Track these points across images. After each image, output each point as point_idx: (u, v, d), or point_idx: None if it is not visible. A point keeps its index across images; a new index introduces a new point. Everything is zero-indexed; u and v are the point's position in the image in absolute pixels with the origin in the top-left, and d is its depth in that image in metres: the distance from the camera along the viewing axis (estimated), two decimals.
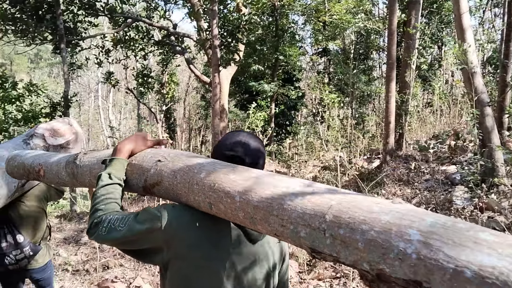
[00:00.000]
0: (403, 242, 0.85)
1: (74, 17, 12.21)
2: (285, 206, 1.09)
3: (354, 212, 0.95)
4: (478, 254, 0.76)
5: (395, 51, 8.13)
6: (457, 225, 0.84)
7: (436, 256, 0.80)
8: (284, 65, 18.69)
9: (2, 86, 10.63)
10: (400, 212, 0.91)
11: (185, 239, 1.36)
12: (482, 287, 0.73)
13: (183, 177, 1.38)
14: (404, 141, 8.79)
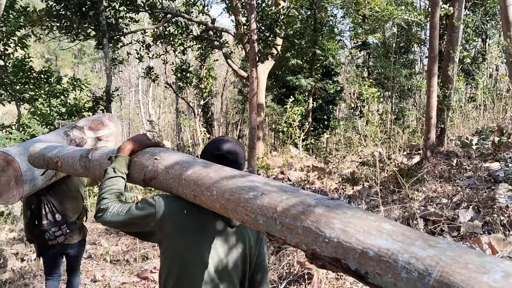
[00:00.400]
0: (329, 229, 1.14)
1: (116, 13, 12.49)
2: (249, 200, 1.39)
3: (297, 206, 1.26)
4: (379, 239, 1.04)
5: (437, 45, 7.90)
6: (368, 217, 1.14)
7: (350, 240, 1.09)
8: (322, 59, 18.52)
9: (48, 81, 11.03)
10: (330, 206, 1.21)
11: (175, 223, 1.69)
12: (379, 264, 1.01)
13: (174, 173, 1.70)
14: (445, 137, 8.55)
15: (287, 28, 13.64)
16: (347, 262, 1.09)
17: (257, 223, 1.36)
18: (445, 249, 0.96)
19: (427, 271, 0.93)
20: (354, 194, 8.00)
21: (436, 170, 6.89)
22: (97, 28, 11.54)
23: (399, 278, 0.97)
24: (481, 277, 0.85)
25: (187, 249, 1.71)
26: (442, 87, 9.00)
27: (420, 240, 1.01)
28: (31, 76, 11.10)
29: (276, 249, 5.67)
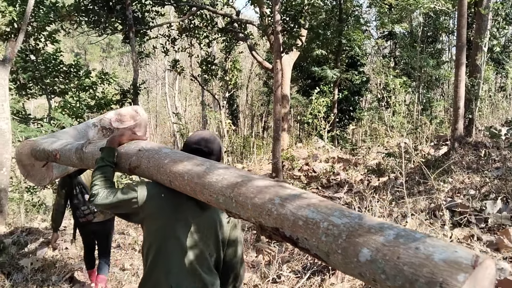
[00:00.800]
0: (271, 205, 1.45)
1: (142, 7, 12.65)
2: (212, 183, 1.71)
3: (248, 187, 1.57)
4: (307, 211, 1.35)
5: (465, 33, 7.73)
6: (303, 195, 1.45)
7: (286, 212, 1.39)
8: (348, 49, 18.32)
9: (77, 75, 11.27)
10: (275, 187, 1.52)
11: (154, 205, 1.99)
12: (307, 230, 1.32)
13: (154, 163, 2.01)
14: (474, 127, 8.39)
15: (312, 18, 13.52)
16: (284, 231, 1.41)
17: (218, 202, 1.69)
18: (355, 218, 1.27)
19: (340, 235, 1.23)
20: (379, 186, 7.95)
21: (464, 161, 6.78)
22: (124, 22, 11.71)
23: (320, 241, 1.28)
24: (378, 238, 1.16)
25: (165, 228, 1.99)
26: (470, 77, 8.82)
27: (338, 211, 1.32)
28: (61, 70, 11.38)
29: None
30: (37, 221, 7.35)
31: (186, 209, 2.02)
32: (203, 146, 2.09)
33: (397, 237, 1.15)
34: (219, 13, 13.95)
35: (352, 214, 1.29)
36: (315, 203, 1.37)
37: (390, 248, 1.13)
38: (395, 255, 1.11)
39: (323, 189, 9.45)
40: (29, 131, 8.30)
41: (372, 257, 1.15)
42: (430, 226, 4.36)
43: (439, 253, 1.07)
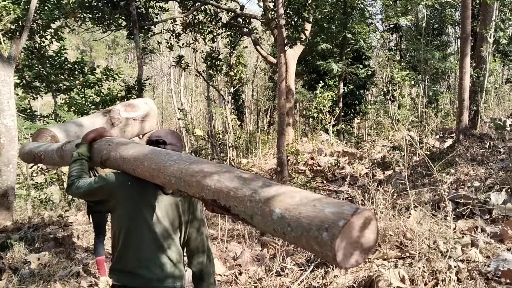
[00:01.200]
0: (210, 181, 1.75)
1: (146, 2, 12.66)
2: (166, 167, 2.00)
3: (193, 169, 1.88)
4: (236, 183, 1.67)
5: (469, 25, 7.68)
6: (235, 171, 1.79)
7: (221, 186, 1.70)
8: (353, 43, 18.24)
9: (82, 72, 11.31)
10: (216, 166, 1.85)
11: (122, 192, 2.28)
12: (236, 199, 1.62)
13: (120, 154, 2.31)
14: (479, 119, 8.35)
15: (316, 12, 13.46)
16: (220, 201, 1.70)
17: (171, 183, 1.98)
18: (273, 186, 1.59)
19: (260, 200, 1.54)
20: (384, 179, 7.94)
21: (469, 153, 6.76)
22: (128, 18, 11.73)
23: (246, 206, 1.58)
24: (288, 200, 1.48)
25: (133, 211, 2.28)
26: (475, 68, 8.77)
27: (261, 181, 1.64)
28: (65, 67, 11.42)
29: None
30: (44, 217, 7.42)
31: (151, 194, 2.30)
32: (163, 137, 2.40)
33: (304, 198, 1.46)
34: (223, 8, 13.93)
35: (272, 183, 1.63)
36: (245, 177, 1.70)
37: (295, 206, 1.43)
38: (298, 211, 1.41)
39: (328, 183, 9.46)
40: (35, 128, 8.36)
41: (282, 214, 1.45)
42: (433, 217, 4.36)
43: (329, 208, 1.37)
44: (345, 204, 1.41)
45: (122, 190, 2.28)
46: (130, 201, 2.28)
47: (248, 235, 5.91)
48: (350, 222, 1.32)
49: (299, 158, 11.20)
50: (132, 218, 2.28)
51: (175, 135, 2.48)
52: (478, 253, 3.79)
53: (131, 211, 2.28)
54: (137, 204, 2.28)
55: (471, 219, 4.58)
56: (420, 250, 3.86)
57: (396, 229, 4.32)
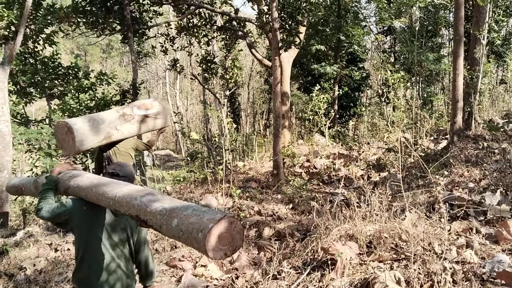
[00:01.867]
0: (135, 201, 2.26)
1: (140, 7, 12.63)
2: (106, 193, 2.51)
3: (124, 193, 2.41)
4: (156, 204, 2.18)
5: (462, 26, 7.72)
6: (152, 194, 2.33)
7: (140, 204, 2.23)
8: (347, 45, 18.29)
9: (76, 76, 11.28)
10: (139, 191, 2.36)
11: (78, 216, 2.74)
12: (151, 214, 2.16)
13: (77, 184, 2.80)
14: (473, 121, 8.38)
15: (310, 15, 13.50)
16: (141, 217, 2.22)
17: (109, 205, 2.50)
18: (176, 203, 2.18)
19: (166, 213, 2.10)
20: (379, 181, 7.96)
21: (463, 154, 6.79)
22: (122, 23, 11.70)
23: (157, 219, 2.11)
24: (183, 212, 2.05)
25: (88, 231, 2.75)
26: (469, 70, 8.81)
27: (168, 200, 2.25)
28: (59, 72, 11.39)
29: (301, 236, 5.73)
30: (39, 223, 7.39)
31: (103, 216, 2.79)
32: (117, 170, 2.95)
33: (193, 211, 2.03)
34: (218, 11, 13.94)
35: (175, 201, 2.23)
36: (158, 198, 2.27)
37: (186, 216, 2.00)
38: (188, 219, 1.97)
39: (324, 185, 9.47)
40: (29, 134, 8.34)
41: (178, 223, 2.00)
42: (428, 219, 4.38)
43: (208, 215, 1.95)
44: (219, 212, 2.02)
45: (79, 214, 2.75)
46: (85, 223, 2.77)
47: (245, 239, 5.91)
48: (218, 224, 1.91)
49: (295, 161, 11.21)
50: (88, 236, 2.76)
51: (128, 168, 3.06)
52: (473, 254, 3.81)
53: (87, 231, 2.77)
54: (91, 225, 2.77)
55: (465, 221, 4.60)
56: (416, 252, 3.88)
57: (391, 231, 4.34)
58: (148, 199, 2.26)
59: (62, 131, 4.92)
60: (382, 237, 4.31)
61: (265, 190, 8.85)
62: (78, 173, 3.01)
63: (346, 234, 4.57)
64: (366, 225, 4.54)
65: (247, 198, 8.21)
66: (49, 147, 8.56)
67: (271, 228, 6.26)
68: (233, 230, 2.01)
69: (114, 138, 5.30)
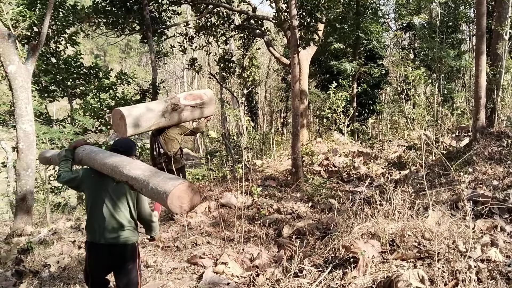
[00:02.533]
0: (125, 169, 3.15)
1: (159, 6, 12.72)
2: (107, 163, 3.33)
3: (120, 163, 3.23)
4: (138, 171, 3.06)
5: (485, 22, 7.58)
6: (137, 163, 3.25)
7: (130, 173, 3.11)
8: (366, 42, 18.15)
9: (97, 76, 11.41)
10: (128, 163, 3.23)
11: (87, 181, 3.59)
12: (135, 180, 3.02)
13: (88, 156, 3.64)
14: (496, 117, 8.24)
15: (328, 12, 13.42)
16: (129, 182, 3.04)
17: (109, 172, 3.29)
18: (152, 171, 3.01)
19: (146, 179, 2.90)
20: (400, 179, 7.89)
21: (486, 151, 6.68)
22: (142, 22, 11.79)
23: (139, 182, 2.94)
24: (157, 178, 2.91)
25: (95, 193, 3.56)
26: (491, 66, 8.66)
27: (148, 169, 3.04)
28: (81, 72, 11.54)
29: (322, 234, 5.71)
30: (62, 221, 7.51)
31: (106, 182, 3.50)
32: (119, 146, 3.72)
33: (163, 178, 2.84)
34: (236, 10, 13.95)
35: (151, 169, 3.07)
36: (142, 167, 3.09)
37: (158, 182, 2.82)
38: (159, 184, 2.80)
39: (343, 183, 9.42)
40: (52, 133, 8.47)
41: (152, 186, 2.82)
42: (451, 217, 4.32)
43: (172, 181, 2.78)
44: (181, 179, 2.86)
45: (88, 179, 3.60)
46: (93, 186, 3.58)
47: (265, 237, 5.91)
48: (177, 187, 2.74)
49: (314, 159, 11.17)
50: (94, 197, 3.56)
51: (129, 144, 3.82)
52: (498, 252, 3.75)
53: (93, 193, 3.57)
54: (97, 188, 3.55)
55: (490, 218, 4.52)
56: (439, 250, 3.83)
57: (414, 229, 4.29)
58: (133, 167, 3.09)
59: (117, 117, 6.12)
60: (405, 235, 4.26)
61: (284, 188, 8.84)
62: (88, 147, 3.82)
63: (368, 232, 4.54)
64: (389, 223, 4.50)
65: (266, 196, 8.21)
66: None
67: (290, 226, 6.25)
68: (191, 192, 2.82)
69: (162, 125, 6.50)
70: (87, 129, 9.21)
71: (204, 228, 6.70)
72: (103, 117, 10.40)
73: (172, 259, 5.63)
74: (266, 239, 5.90)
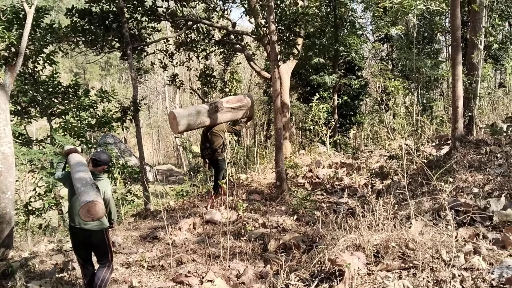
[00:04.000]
0: (77, 175, 4.70)
1: (138, 24, 12.70)
2: (75, 172, 4.69)
3: (76, 178, 4.67)
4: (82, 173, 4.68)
5: (459, 32, 7.76)
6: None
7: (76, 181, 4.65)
8: (345, 55, 18.39)
9: (76, 95, 11.31)
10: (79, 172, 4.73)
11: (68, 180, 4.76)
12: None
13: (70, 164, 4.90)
14: (474, 125, 8.40)
15: (307, 26, 13.58)
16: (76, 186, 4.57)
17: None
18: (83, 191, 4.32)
19: (81, 192, 4.30)
20: (383, 189, 7.95)
21: (466, 159, 6.79)
22: (121, 40, 11.75)
23: (78, 191, 4.35)
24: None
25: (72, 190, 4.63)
26: (468, 75, 8.84)
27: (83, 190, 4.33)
28: (59, 91, 11.42)
29: (307, 247, 5.71)
30: (44, 243, 7.37)
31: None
32: (97, 157, 4.90)
33: (85, 193, 4.22)
34: (215, 26, 14.03)
35: (85, 187, 4.31)
36: (83, 182, 4.39)
37: (82, 195, 4.21)
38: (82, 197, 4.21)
39: (327, 195, 9.45)
40: (31, 154, 8.35)
41: (81, 198, 4.20)
42: (434, 226, 4.36)
43: (83, 197, 4.16)
44: (93, 196, 4.16)
45: (68, 179, 4.69)
46: (71, 184, 4.60)
47: (251, 252, 5.89)
48: (87, 204, 4.08)
49: (298, 171, 11.20)
50: (72, 192, 4.72)
51: (105, 157, 5.00)
52: (481, 260, 3.79)
53: (71, 189, 4.66)
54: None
55: (472, 227, 4.58)
56: (423, 260, 3.86)
57: (398, 239, 4.32)
58: (77, 180, 4.40)
59: (171, 117, 7.91)
60: (389, 246, 4.29)
61: (269, 202, 8.83)
62: (73, 158, 4.93)
63: (353, 244, 4.55)
64: (373, 234, 4.52)
65: (251, 211, 8.20)
66: (51, 166, 8.56)
67: (276, 240, 6.24)
68: (98, 208, 4.11)
69: (208, 124, 8.19)
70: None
71: (189, 246, 6.64)
72: (83, 136, 10.28)
73: (157, 279, 5.55)
74: (252, 254, 5.87)
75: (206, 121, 8.13)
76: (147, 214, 9.93)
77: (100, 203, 4.14)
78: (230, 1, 14.16)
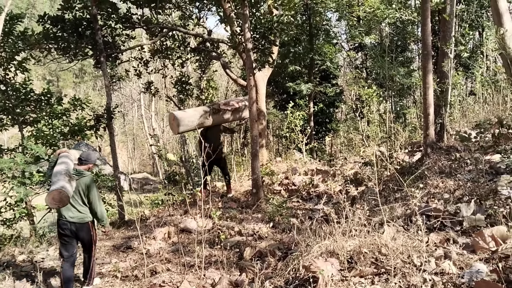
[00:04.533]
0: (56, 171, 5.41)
1: (112, 31, 12.55)
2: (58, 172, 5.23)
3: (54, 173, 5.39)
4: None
5: (430, 41, 7.93)
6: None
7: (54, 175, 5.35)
8: (320, 63, 18.59)
9: (48, 103, 11.10)
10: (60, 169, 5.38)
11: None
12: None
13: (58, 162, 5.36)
14: (445, 132, 8.58)
15: (282, 35, 13.68)
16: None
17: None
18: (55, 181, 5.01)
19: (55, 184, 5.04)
20: (357, 195, 8.04)
21: (437, 166, 6.92)
22: (94, 47, 11.60)
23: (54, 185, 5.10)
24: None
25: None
26: (439, 83, 9.04)
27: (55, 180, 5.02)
28: (31, 98, 11.19)
29: (283, 255, 5.72)
30: (14, 254, 7.20)
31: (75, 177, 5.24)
32: (84, 157, 5.53)
33: (54, 183, 4.92)
34: (191, 33, 14.00)
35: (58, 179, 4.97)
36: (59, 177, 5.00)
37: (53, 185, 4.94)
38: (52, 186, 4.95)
39: (303, 202, 9.50)
40: (2, 163, 8.16)
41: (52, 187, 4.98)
42: (406, 232, 4.43)
43: (53, 186, 4.85)
44: (59, 185, 4.84)
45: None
46: None
47: (226, 261, 5.87)
48: (53, 191, 4.80)
49: (274, 179, 11.23)
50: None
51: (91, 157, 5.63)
52: (451, 265, 3.86)
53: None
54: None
55: (442, 232, 4.67)
56: (395, 265, 3.91)
57: (371, 245, 4.37)
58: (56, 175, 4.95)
59: (172, 118, 8.60)
60: (362, 252, 4.33)
61: (245, 210, 8.83)
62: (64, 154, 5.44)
63: (327, 251, 4.59)
64: (346, 241, 4.56)
65: (227, 219, 8.17)
66: (23, 176, 8.38)
67: (252, 248, 6.24)
68: (62, 195, 4.74)
69: (206, 124, 8.92)
70: (40, 157, 8.90)
71: (163, 255, 6.58)
72: (56, 145, 10.08)
73: None
74: (228, 263, 5.85)
75: (205, 122, 8.92)
76: (120, 223, 9.78)
77: (64, 192, 4.76)
78: (206, 9, 14.17)
